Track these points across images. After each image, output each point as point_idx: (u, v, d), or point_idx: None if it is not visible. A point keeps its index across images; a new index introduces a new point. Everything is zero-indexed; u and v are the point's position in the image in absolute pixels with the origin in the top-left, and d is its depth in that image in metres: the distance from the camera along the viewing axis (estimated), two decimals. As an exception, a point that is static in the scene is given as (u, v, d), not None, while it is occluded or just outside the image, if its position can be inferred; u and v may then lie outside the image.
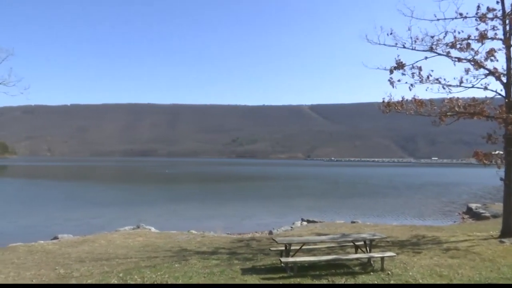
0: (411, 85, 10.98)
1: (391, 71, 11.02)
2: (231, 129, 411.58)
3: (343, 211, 23.04)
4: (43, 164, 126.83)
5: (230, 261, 8.22)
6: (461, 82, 10.80)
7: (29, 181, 51.78)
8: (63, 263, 8.62)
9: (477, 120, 11.02)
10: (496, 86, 10.75)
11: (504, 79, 10.55)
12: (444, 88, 10.95)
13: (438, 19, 10.72)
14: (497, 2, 10.44)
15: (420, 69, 10.88)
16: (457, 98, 10.96)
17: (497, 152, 11.07)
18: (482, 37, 10.31)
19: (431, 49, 10.92)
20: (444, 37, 10.71)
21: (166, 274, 7.16)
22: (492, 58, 10.34)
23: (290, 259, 7.40)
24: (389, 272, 7.21)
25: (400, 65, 10.93)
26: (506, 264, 7.86)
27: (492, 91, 10.74)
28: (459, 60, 10.69)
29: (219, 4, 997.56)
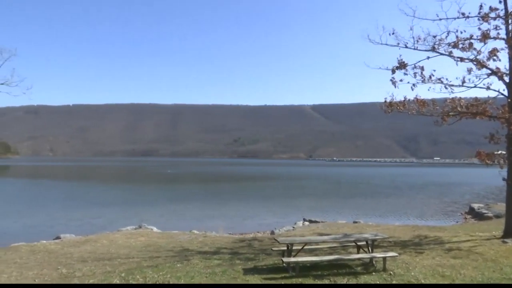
0: (413, 85, 10.98)
1: (393, 71, 11.02)
2: (233, 129, 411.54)
3: (345, 211, 23.04)
4: (45, 164, 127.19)
5: (232, 261, 8.22)
6: (463, 82, 10.78)
7: (31, 181, 51.95)
8: (65, 263, 8.65)
9: (479, 120, 11.00)
10: (499, 86, 10.77)
11: (506, 78, 10.53)
12: (446, 88, 10.93)
13: (440, 19, 10.73)
14: (500, 2, 10.44)
15: (422, 69, 10.87)
16: (460, 98, 10.95)
17: (499, 152, 11.05)
18: (485, 36, 10.29)
19: (433, 49, 10.90)
20: (446, 36, 10.72)
21: (168, 274, 7.16)
22: (495, 57, 10.31)
23: (292, 259, 7.39)
24: (391, 272, 7.20)
25: (402, 65, 10.92)
26: (509, 265, 7.84)
27: (495, 90, 10.74)
28: (462, 60, 10.67)
29: (219, 4, 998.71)
